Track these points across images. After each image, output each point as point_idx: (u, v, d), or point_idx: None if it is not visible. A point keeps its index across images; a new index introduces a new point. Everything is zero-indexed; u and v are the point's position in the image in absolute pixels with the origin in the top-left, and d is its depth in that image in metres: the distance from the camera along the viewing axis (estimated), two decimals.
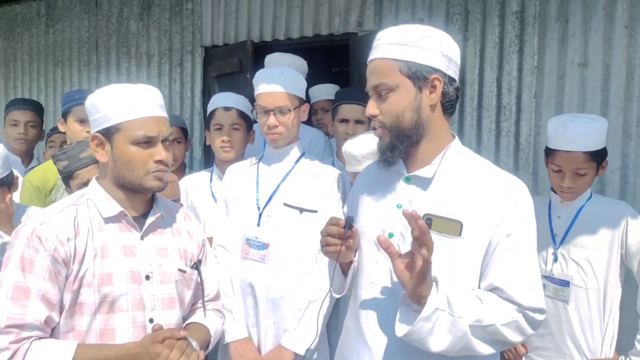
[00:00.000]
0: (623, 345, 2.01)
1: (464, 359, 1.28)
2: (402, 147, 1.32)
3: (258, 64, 3.11)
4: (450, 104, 1.35)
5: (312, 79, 3.39)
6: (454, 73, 1.34)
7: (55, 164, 1.89)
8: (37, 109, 3.11)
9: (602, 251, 1.95)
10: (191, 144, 3.87)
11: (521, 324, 1.26)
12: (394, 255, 1.24)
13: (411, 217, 1.15)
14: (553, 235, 2.03)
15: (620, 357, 1.95)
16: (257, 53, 3.50)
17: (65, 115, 2.36)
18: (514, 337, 1.27)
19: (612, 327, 1.98)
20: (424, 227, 1.14)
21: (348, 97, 2.46)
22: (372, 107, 1.34)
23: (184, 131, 2.61)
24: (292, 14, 3.50)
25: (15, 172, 2.06)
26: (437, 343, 1.22)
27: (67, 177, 1.84)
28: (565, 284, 1.97)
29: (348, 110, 2.40)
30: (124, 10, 4.20)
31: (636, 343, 1.91)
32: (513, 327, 1.26)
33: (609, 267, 1.96)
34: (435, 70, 1.29)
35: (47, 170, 2.28)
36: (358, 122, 2.38)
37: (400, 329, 1.22)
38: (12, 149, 2.99)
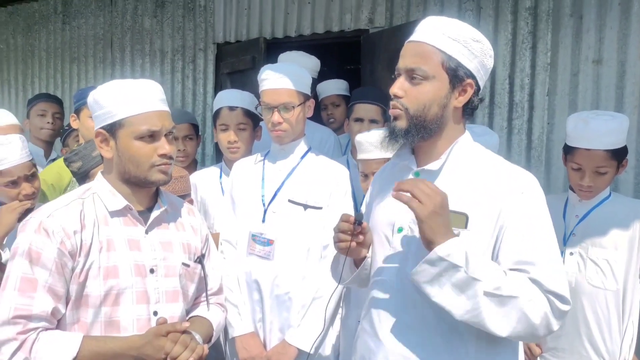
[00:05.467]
0: None
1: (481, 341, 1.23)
2: (416, 136, 1.30)
3: (269, 60, 3.12)
4: (470, 111, 1.35)
5: (325, 77, 3.40)
6: (482, 84, 1.34)
7: (68, 166, 1.92)
8: (60, 102, 3.29)
9: (621, 251, 1.91)
10: (203, 140, 3.92)
11: (546, 308, 1.17)
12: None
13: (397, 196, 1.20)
14: (565, 234, 2.00)
15: None
16: (269, 50, 3.51)
17: (78, 112, 2.39)
18: (537, 319, 1.16)
19: (631, 329, 1.94)
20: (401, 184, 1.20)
21: (363, 96, 2.47)
22: (398, 87, 1.29)
23: (195, 127, 2.63)
24: (304, 11, 3.50)
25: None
26: (440, 295, 1.17)
27: (83, 177, 1.87)
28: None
29: (363, 109, 2.40)
30: (138, 7, 4.25)
31: None
32: (538, 307, 1.16)
33: (628, 268, 1.91)
34: (472, 76, 1.29)
35: (60, 169, 2.32)
36: (372, 121, 2.38)
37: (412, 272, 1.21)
38: (36, 140, 3.09)
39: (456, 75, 1.27)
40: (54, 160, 3.04)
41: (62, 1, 4.71)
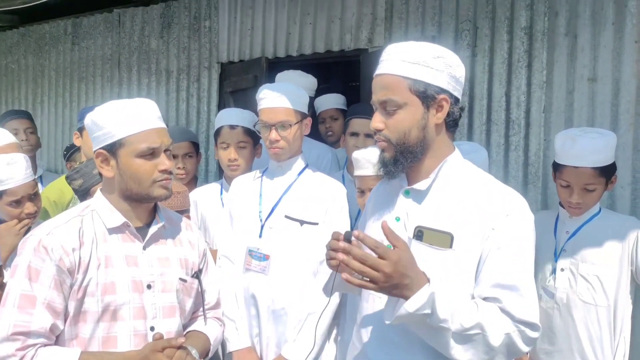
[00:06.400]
0: None
1: None
2: (405, 163, 1.34)
3: (271, 79, 3.19)
4: (453, 122, 1.38)
5: (329, 93, 3.46)
6: (459, 94, 1.36)
7: (70, 184, 1.97)
8: (29, 116, 3.22)
9: (611, 267, 1.93)
10: (206, 157, 3.98)
11: (514, 339, 1.23)
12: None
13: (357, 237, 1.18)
14: (556, 250, 2.02)
15: None
16: (271, 69, 3.59)
17: (81, 130, 2.46)
18: (505, 351, 1.23)
19: (623, 346, 1.95)
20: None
21: (359, 111, 2.53)
22: (377, 121, 1.34)
23: (195, 145, 2.69)
24: (305, 31, 3.58)
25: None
26: (414, 329, 1.25)
27: (84, 194, 1.92)
28: (551, 295, 1.95)
29: (358, 124, 2.46)
30: (145, 28, 4.36)
31: None
32: (507, 340, 1.22)
33: (619, 284, 1.93)
34: (444, 91, 1.32)
35: (62, 185, 2.38)
36: (368, 135, 2.43)
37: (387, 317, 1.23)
38: None
39: (426, 95, 1.30)
40: (40, 177, 3.08)
41: (72, 22, 4.84)
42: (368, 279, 1.17)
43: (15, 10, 4.81)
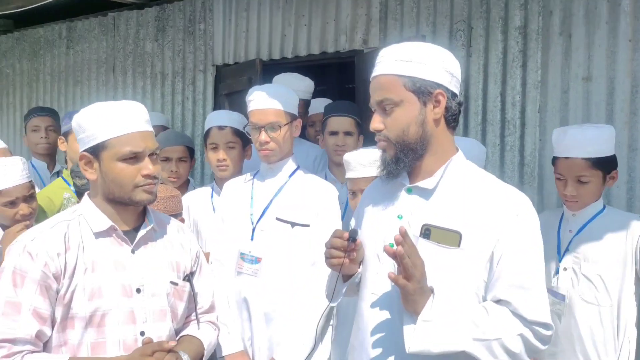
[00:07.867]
0: None
1: None
2: (407, 161, 1.34)
3: (265, 81, 3.18)
4: (453, 118, 1.37)
5: (325, 95, 3.44)
6: (456, 88, 1.36)
7: (73, 179, 1.99)
8: (54, 114, 3.27)
9: (614, 266, 1.88)
10: (203, 161, 3.97)
11: (529, 339, 1.25)
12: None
13: (396, 242, 1.21)
14: (559, 249, 1.98)
15: None
16: (266, 70, 3.58)
17: (66, 135, 2.43)
18: (521, 351, 1.25)
19: (627, 346, 1.89)
20: (401, 253, 1.20)
21: (336, 110, 2.52)
22: (377, 122, 1.35)
23: (189, 150, 2.67)
24: (300, 33, 3.57)
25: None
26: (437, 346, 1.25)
27: (82, 194, 1.92)
28: (561, 297, 1.93)
29: (337, 122, 2.45)
30: (140, 31, 4.35)
31: None
32: (522, 341, 1.24)
33: (622, 283, 1.88)
34: (439, 86, 1.31)
35: (51, 193, 2.37)
36: (347, 133, 2.42)
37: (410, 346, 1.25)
38: (36, 154, 3.14)
39: (422, 91, 1.30)
40: (58, 172, 3.10)
41: (66, 26, 4.83)
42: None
43: (9, 15, 4.80)
